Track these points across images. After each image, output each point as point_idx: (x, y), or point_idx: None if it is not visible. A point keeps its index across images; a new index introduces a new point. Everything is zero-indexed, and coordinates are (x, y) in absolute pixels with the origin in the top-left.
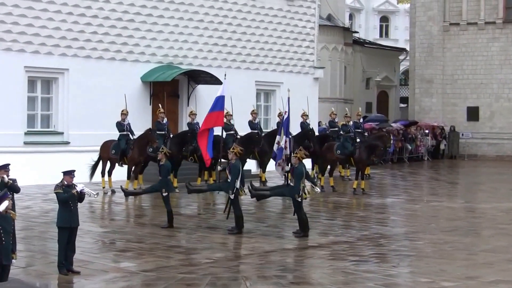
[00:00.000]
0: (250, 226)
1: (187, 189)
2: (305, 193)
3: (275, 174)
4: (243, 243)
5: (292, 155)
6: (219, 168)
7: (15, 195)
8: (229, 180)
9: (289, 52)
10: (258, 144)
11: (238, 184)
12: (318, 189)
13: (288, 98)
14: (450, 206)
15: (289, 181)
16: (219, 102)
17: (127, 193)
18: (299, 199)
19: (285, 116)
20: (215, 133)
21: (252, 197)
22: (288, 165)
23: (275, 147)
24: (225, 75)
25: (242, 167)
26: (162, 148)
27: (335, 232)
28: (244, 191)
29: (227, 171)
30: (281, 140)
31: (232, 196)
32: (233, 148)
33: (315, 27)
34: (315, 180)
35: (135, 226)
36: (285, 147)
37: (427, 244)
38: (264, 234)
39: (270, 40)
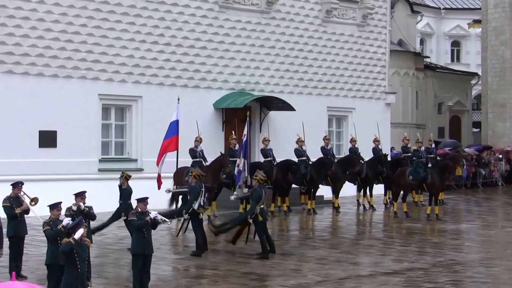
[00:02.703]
0: (324, 253)
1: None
2: (262, 216)
3: (348, 200)
4: (316, 269)
5: (252, 177)
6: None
7: (91, 222)
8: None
9: (360, 78)
10: (330, 169)
11: (196, 206)
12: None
13: (250, 121)
14: None
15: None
16: (174, 127)
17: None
18: (250, 220)
19: (244, 139)
20: (287, 158)
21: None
22: (247, 188)
23: (235, 169)
24: (178, 99)
25: (315, 193)
26: (123, 172)
27: (409, 258)
28: (204, 210)
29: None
30: (240, 163)
31: (186, 216)
32: (191, 172)
33: (386, 53)
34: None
35: (209, 253)
36: (243, 170)
37: (503, 271)
38: (337, 261)
39: (341, 66)
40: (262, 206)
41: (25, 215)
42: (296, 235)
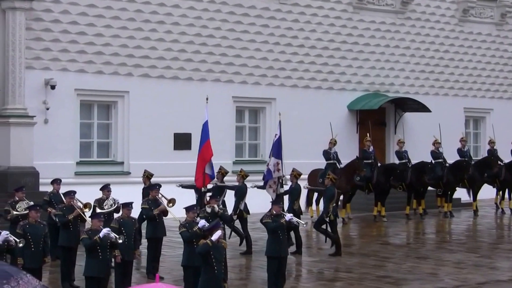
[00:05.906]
0: (461, 257)
1: None
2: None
3: (487, 203)
4: (454, 274)
5: (325, 176)
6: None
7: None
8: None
9: (498, 78)
10: (467, 171)
11: (242, 206)
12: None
13: (280, 121)
14: None
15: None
16: (206, 129)
17: None
18: (327, 219)
19: (275, 139)
20: (422, 160)
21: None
22: (280, 187)
23: (265, 169)
24: (207, 98)
25: (451, 195)
26: (145, 171)
27: None
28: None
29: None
30: (270, 162)
31: (235, 217)
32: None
33: None
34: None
35: (344, 256)
36: (278, 169)
37: None
38: (476, 265)
39: (479, 66)
40: (334, 205)
41: (163, 217)
42: (433, 238)
